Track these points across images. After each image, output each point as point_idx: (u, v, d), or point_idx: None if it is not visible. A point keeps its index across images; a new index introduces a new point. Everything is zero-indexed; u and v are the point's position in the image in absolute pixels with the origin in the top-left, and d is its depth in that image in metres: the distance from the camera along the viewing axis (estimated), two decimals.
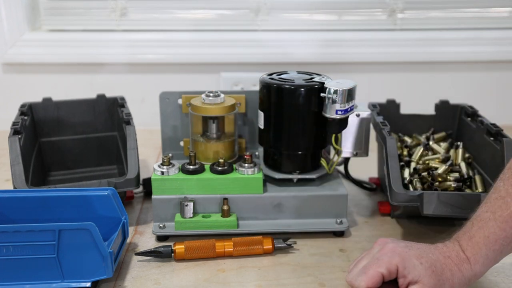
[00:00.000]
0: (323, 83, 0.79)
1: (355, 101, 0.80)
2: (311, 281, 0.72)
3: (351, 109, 0.79)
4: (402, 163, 0.89)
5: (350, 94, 0.78)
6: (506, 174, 0.65)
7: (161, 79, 1.35)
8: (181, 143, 0.95)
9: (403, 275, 0.62)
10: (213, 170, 0.81)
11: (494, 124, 0.86)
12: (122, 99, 1.03)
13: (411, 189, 0.85)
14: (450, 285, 0.62)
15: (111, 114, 1.05)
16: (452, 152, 0.93)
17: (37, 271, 0.67)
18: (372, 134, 0.90)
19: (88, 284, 0.68)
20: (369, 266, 0.63)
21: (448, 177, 0.87)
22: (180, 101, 0.93)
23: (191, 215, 0.80)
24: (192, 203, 0.79)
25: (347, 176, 0.97)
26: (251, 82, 1.31)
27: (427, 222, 0.86)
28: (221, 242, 0.77)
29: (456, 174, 0.87)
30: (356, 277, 0.63)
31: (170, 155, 0.84)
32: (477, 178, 0.86)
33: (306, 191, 0.82)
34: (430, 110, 1.02)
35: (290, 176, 0.83)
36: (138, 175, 0.84)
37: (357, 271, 0.64)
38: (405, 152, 0.95)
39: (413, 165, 0.90)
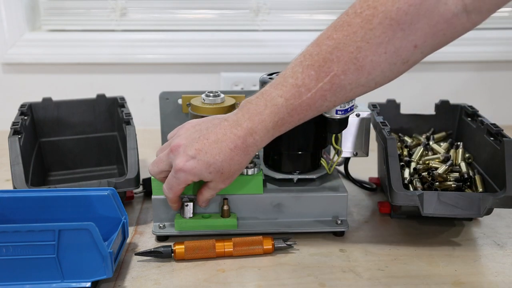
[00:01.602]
0: None
1: (355, 101, 0.80)
2: (311, 281, 0.72)
3: (351, 109, 0.79)
4: (402, 163, 0.89)
5: None
6: (307, 60, 0.68)
7: (161, 79, 1.35)
8: None
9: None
10: None
11: (494, 124, 0.85)
12: (122, 99, 1.03)
13: (411, 189, 0.85)
14: (239, 170, 0.73)
15: (111, 114, 1.05)
16: (452, 152, 0.93)
17: (37, 271, 0.67)
18: (372, 134, 0.90)
19: (88, 284, 0.68)
20: (171, 183, 0.73)
21: (448, 177, 0.87)
22: (180, 101, 0.93)
23: (191, 215, 0.80)
24: (192, 203, 0.79)
25: (347, 176, 0.97)
26: (251, 82, 1.31)
27: (427, 222, 0.86)
28: (221, 242, 0.77)
29: (456, 174, 0.87)
30: (165, 190, 0.75)
31: None
32: (477, 178, 0.86)
33: (306, 191, 0.82)
34: (430, 110, 1.02)
35: (290, 176, 0.83)
36: (138, 175, 0.84)
37: (165, 188, 0.75)
38: (405, 152, 0.95)
39: (413, 165, 0.90)
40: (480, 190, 0.84)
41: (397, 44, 0.65)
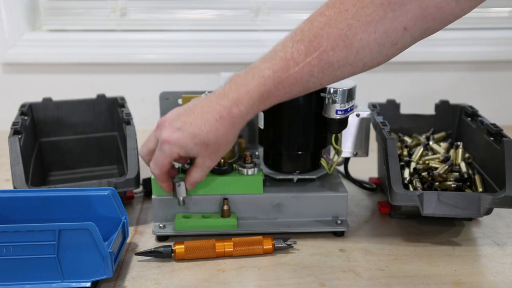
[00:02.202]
0: None
1: (355, 101, 0.80)
2: (311, 281, 0.72)
3: (351, 109, 0.79)
4: (402, 163, 0.89)
5: (350, 94, 0.78)
6: (298, 35, 0.69)
7: (161, 79, 1.35)
8: None
9: (185, 157, 0.74)
10: (213, 170, 0.81)
11: (494, 124, 0.86)
12: (122, 99, 1.03)
13: (411, 189, 0.85)
14: (225, 144, 0.72)
15: (111, 114, 1.05)
16: (452, 152, 0.93)
17: (37, 271, 0.67)
18: (372, 134, 0.90)
19: (88, 284, 0.68)
20: (156, 158, 0.73)
21: (448, 177, 0.87)
22: (180, 101, 0.93)
23: (185, 195, 0.79)
24: (183, 183, 0.78)
25: (347, 176, 0.97)
26: None
27: (427, 222, 0.86)
28: (221, 242, 0.77)
29: (456, 174, 0.87)
30: (152, 166, 0.74)
31: None
32: (477, 178, 0.86)
33: (306, 191, 0.82)
34: (430, 110, 1.02)
35: (290, 176, 0.83)
36: (138, 175, 0.84)
37: (151, 165, 0.75)
38: (405, 152, 0.95)
39: (413, 165, 0.90)
40: (480, 190, 0.84)
41: (387, 25, 0.66)
